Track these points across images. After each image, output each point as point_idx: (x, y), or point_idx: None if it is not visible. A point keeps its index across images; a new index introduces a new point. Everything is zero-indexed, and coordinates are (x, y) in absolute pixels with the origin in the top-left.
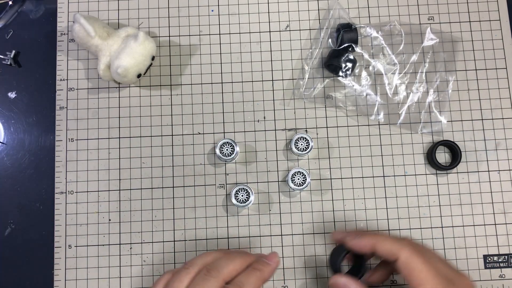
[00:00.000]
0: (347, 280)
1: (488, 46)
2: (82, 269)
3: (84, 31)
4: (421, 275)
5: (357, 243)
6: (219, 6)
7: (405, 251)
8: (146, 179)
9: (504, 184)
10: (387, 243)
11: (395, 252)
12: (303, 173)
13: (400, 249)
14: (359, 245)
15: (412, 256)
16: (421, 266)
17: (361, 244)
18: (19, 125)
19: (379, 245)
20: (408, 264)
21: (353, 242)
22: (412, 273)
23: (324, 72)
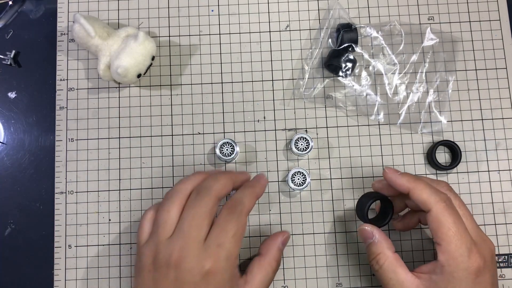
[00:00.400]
0: (373, 229)
1: (488, 46)
2: (82, 269)
3: (84, 31)
4: (449, 232)
5: (395, 179)
6: (219, 6)
7: (439, 206)
8: (146, 179)
9: (504, 184)
10: (424, 192)
11: (428, 204)
12: (303, 173)
13: (435, 203)
14: (396, 182)
15: (444, 212)
16: (450, 224)
17: (398, 181)
18: (19, 125)
19: (416, 192)
20: (438, 219)
21: (390, 176)
22: (440, 228)
23: (324, 72)
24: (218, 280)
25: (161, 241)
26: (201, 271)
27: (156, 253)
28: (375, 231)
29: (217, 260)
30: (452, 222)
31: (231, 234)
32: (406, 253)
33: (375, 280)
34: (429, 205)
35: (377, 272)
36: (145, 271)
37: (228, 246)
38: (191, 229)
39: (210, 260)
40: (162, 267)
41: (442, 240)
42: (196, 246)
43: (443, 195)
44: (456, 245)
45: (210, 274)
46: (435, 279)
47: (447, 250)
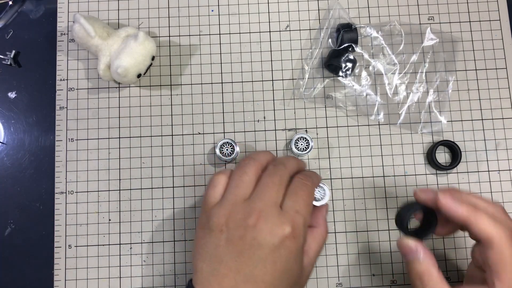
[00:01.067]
0: (417, 245)
1: (488, 46)
2: (82, 269)
3: (84, 31)
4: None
5: (454, 208)
6: (219, 6)
7: (504, 239)
8: (146, 179)
9: (504, 184)
10: (487, 224)
11: (491, 238)
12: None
13: (499, 235)
14: (455, 212)
15: (507, 245)
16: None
17: (458, 211)
18: (19, 125)
19: (478, 225)
20: (501, 253)
21: (450, 204)
22: (501, 260)
23: (324, 72)
24: (296, 245)
25: (238, 202)
26: (281, 234)
27: (232, 214)
28: (419, 248)
29: (296, 226)
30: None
31: (306, 203)
32: None
33: (375, 280)
34: (492, 239)
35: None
36: (216, 231)
37: (304, 213)
38: (270, 193)
39: (290, 224)
40: (238, 228)
41: (502, 271)
42: (276, 210)
43: (504, 226)
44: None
45: (288, 238)
46: None
47: (506, 280)
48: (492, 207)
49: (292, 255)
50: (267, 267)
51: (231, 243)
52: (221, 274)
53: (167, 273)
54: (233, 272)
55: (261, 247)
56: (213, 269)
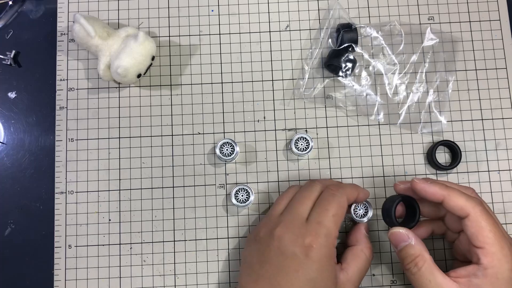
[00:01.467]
0: (408, 232)
1: (488, 46)
2: (82, 269)
3: (84, 31)
4: (490, 234)
5: (426, 188)
6: (219, 6)
7: (478, 209)
8: (146, 179)
9: (504, 184)
10: (461, 198)
11: (466, 209)
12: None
13: (473, 206)
14: (427, 192)
15: (483, 216)
16: (490, 227)
17: (430, 191)
18: (19, 125)
19: (451, 198)
20: (478, 223)
21: (422, 186)
22: (481, 232)
23: (324, 72)
24: (318, 255)
25: (273, 216)
26: (302, 245)
27: (265, 225)
28: (410, 234)
29: (317, 236)
30: (492, 224)
31: (331, 213)
32: None
33: (375, 280)
34: (467, 211)
35: (414, 275)
36: (252, 241)
37: (328, 224)
38: (297, 206)
39: (310, 235)
40: (267, 238)
41: (484, 244)
42: (298, 222)
43: (478, 199)
44: (500, 247)
45: (310, 249)
46: (477, 282)
47: (490, 253)
48: (463, 188)
49: (315, 266)
50: (289, 275)
51: (260, 252)
52: (253, 280)
53: (167, 273)
54: (261, 278)
55: (283, 255)
56: (247, 275)
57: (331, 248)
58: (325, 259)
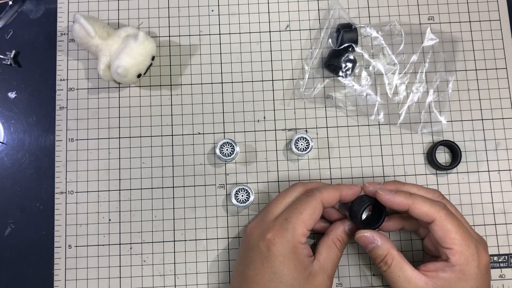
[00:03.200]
0: (373, 234)
1: (488, 46)
2: (82, 269)
3: (84, 31)
4: (457, 236)
5: (392, 200)
6: (219, 6)
7: (442, 214)
8: (146, 179)
9: (504, 184)
10: (425, 205)
11: (431, 215)
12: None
13: (437, 211)
14: (393, 202)
15: (447, 219)
16: (456, 229)
17: (395, 201)
18: (19, 125)
19: (416, 206)
20: (443, 227)
21: (387, 197)
22: (447, 234)
23: (324, 72)
24: (279, 249)
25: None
26: (264, 239)
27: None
28: (375, 235)
29: (279, 231)
30: (457, 226)
31: (300, 211)
32: (405, 253)
33: (375, 280)
34: (432, 216)
35: (385, 272)
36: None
37: (294, 221)
38: (272, 206)
39: (274, 230)
40: (243, 236)
41: (452, 244)
42: (268, 219)
43: (441, 203)
44: (467, 246)
45: (271, 243)
46: (444, 276)
47: (458, 252)
48: (428, 192)
49: (278, 259)
50: (257, 268)
51: (240, 249)
52: (233, 275)
53: (167, 273)
54: (236, 273)
55: (252, 250)
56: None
57: (296, 244)
58: (288, 253)
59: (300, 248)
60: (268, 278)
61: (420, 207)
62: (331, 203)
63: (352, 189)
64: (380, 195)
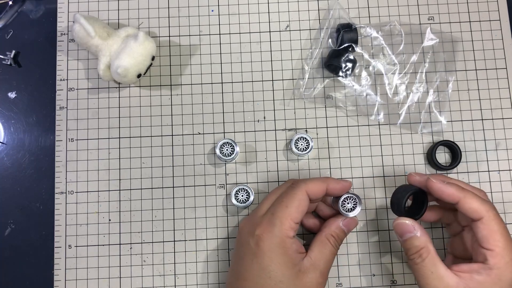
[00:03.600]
0: (414, 223)
1: (488, 46)
2: (82, 269)
3: (84, 31)
4: (501, 238)
5: (443, 189)
6: (219, 6)
7: (490, 214)
8: (146, 179)
9: (504, 184)
10: (475, 201)
11: (480, 212)
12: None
13: (487, 210)
14: (444, 192)
15: (495, 220)
16: (502, 231)
17: (447, 192)
18: (19, 125)
19: (467, 201)
20: (490, 226)
21: (439, 186)
22: (492, 235)
23: (324, 72)
24: (267, 245)
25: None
26: (253, 235)
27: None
28: (417, 225)
29: (266, 227)
30: (504, 228)
31: (285, 204)
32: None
33: (375, 280)
34: (480, 214)
35: (417, 265)
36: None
37: (280, 215)
38: (262, 202)
39: (261, 226)
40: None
41: (495, 246)
42: (258, 215)
43: (491, 204)
44: (508, 251)
45: (260, 238)
46: (479, 279)
47: (499, 255)
48: (477, 190)
49: (266, 255)
50: (247, 264)
51: (234, 246)
52: (228, 273)
53: (167, 273)
54: (231, 270)
55: (242, 246)
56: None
57: (284, 238)
58: (276, 248)
59: (289, 243)
60: (257, 274)
61: (471, 202)
62: (318, 195)
63: (340, 183)
64: (433, 183)
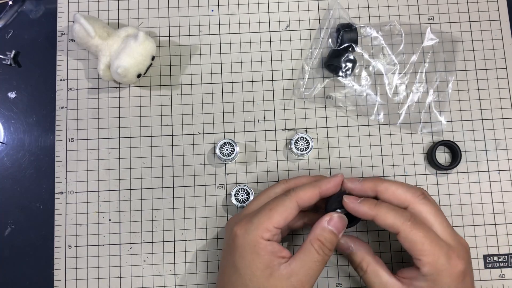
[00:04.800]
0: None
1: (488, 46)
2: (82, 269)
3: (84, 31)
4: (424, 247)
5: (356, 209)
6: (219, 6)
7: (406, 226)
8: (146, 179)
9: (504, 184)
10: (389, 217)
11: (396, 227)
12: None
13: (401, 223)
14: (357, 212)
15: (412, 230)
16: (422, 239)
17: (360, 211)
18: (19, 125)
19: (380, 218)
20: (409, 239)
21: (352, 206)
22: (414, 246)
23: (324, 72)
24: (240, 242)
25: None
26: (231, 233)
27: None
28: (349, 241)
29: (244, 224)
30: (423, 236)
31: (269, 207)
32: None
33: None
34: (396, 229)
35: (362, 277)
36: None
37: (260, 215)
38: (251, 202)
39: (240, 224)
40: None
41: (420, 256)
42: (243, 214)
43: (407, 214)
44: (435, 256)
45: (235, 235)
46: (418, 285)
47: (427, 263)
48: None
49: (237, 252)
50: (224, 259)
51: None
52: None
53: (167, 273)
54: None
55: (224, 243)
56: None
57: (257, 238)
58: (247, 246)
59: (262, 244)
60: (231, 271)
61: (384, 219)
62: (309, 203)
63: (331, 182)
64: (346, 203)
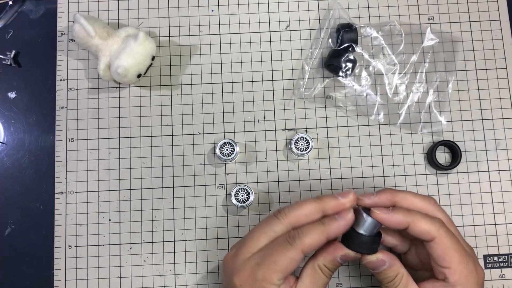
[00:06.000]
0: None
1: (488, 46)
2: (82, 269)
3: (84, 31)
4: (456, 254)
5: (390, 219)
6: (219, 6)
7: (442, 231)
8: (146, 179)
9: (504, 184)
10: (425, 223)
11: (432, 233)
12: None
13: (437, 229)
14: (390, 221)
15: (447, 236)
16: (455, 246)
17: (394, 221)
18: (19, 125)
19: (416, 224)
20: (444, 244)
21: (384, 217)
22: (447, 252)
23: (324, 72)
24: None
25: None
26: (230, 282)
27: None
28: (385, 257)
29: (248, 279)
30: (456, 243)
31: (273, 259)
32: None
33: (375, 280)
34: (432, 234)
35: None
36: None
37: (264, 269)
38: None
39: (242, 275)
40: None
41: (451, 263)
42: (240, 257)
43: (439, 220)
44: (466, 264)
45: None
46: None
47: (458, 271)
48: (424, 200)
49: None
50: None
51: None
52: None
53: (167, 273)
54: None
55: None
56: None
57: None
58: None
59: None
60: None
61: (420, 225)
62: (315, 249)
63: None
64: (377, 214)
